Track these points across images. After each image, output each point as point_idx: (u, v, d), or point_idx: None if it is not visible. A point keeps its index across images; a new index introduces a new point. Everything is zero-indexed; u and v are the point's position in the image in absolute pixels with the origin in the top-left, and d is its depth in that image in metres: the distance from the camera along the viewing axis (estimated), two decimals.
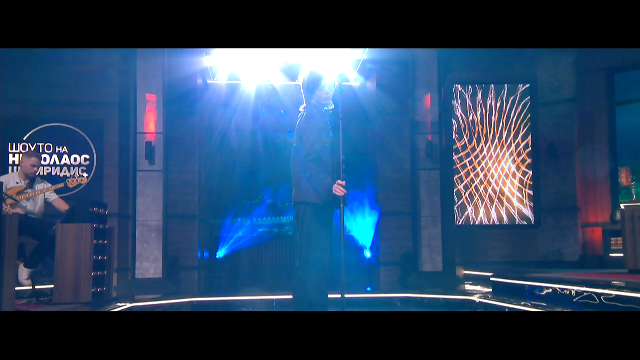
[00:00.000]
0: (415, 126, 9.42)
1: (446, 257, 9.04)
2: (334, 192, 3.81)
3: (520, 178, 9.99)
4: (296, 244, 11.21)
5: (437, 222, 9.09)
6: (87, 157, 9.26)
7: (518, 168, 10.01)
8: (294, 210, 4.09)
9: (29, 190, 6.44)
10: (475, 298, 6.47)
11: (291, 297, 4.37)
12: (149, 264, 8.76)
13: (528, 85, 10.03)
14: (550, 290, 5.70)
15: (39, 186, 6.64)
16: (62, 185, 6.42)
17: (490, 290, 6.86)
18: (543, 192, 9.91)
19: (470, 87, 10.09)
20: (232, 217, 12.56)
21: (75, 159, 9.25)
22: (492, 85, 10.04)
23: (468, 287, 8.74)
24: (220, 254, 11.92)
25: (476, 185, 9.96)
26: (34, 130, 9.19)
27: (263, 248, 12.39)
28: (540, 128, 9.96)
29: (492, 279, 6.91)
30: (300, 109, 4.24)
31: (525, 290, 6.03)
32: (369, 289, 8.98)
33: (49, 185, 6.72)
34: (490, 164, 9.97)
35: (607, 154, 9.61)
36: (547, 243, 9.80)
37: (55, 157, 9.22)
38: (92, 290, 6.09)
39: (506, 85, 10.09)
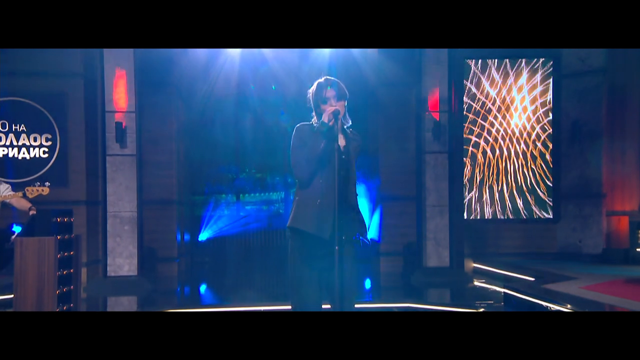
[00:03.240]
0: (422, 102, 9.25)
1: (453, 251, 9.07)
2: (323, 118, 3.68)
3: (539, 160, 9.90)
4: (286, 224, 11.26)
5: (444, 213, 9.07)
6: (49, 136, 9.10)
7: (537, 148, 9.90)
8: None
9: None
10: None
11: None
12: (123, 259, 8.76)
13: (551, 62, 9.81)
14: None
15: None
16: (20, 194, 6.31)
17: (502, 302, 6.90)
18: (564, 176, 9.86)
19: (484, 62, 9.86)
20: (215, 193, 12.57)
21: (35, 139, 9.09)
22: (508, 59, 9.82)
23: (478, 283, 8.82)
24: (203, 236, 11.97)
25: (489, 169, 9.87)
26: None
27: (250, 228, 12.44)
28: (563, 103, 9.82)
29: (504, 290, 6.94)
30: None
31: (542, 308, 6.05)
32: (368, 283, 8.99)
33: (8, 186, 6.61)
34: (505, 146, 9.86)
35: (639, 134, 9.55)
36: (566, 233, 9.84)
37: (11, 136, 9.05)
38: (57, 309, 6.09)
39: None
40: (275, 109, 11.87)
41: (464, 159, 9.78)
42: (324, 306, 3.71)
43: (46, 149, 9.08)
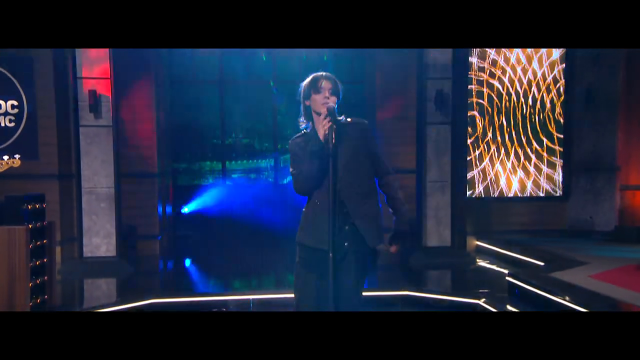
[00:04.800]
0: (424, 68, 9.18)
1: (455, 230, 9.16)
2: (321, 130, 3.72)
3: (549, 131, 9.92)
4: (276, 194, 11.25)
5: (446, 189, 9.12)
6: (15, 103, 9.02)
7: (545, 117, 9.91)
8: None
9: None
10: (483, 303, 6.65)
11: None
12: (100, 239, 8.82)
13: None
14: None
15: None
16: None
17: (505, 292, 7.01)
18: (576, 148, 9.91)
19: None
20: (198, 161, 12.57)
21: None
22: None
23: (481, 263, 8.96)
24: (186, 208, 12.02)
25: (495, 141, 9.89)
26: None
27: (237, 199, 12.47)
28: (577, 68, 9.78)
29: (507, 277, 7.06)
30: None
31: (550, 304, 6.16)
32: None
33: None
34: (512, 114, 9.86)
35: None
36: (577, 209, 9.95)
37: None
38: (31, 303, 6.18)
39: None
40: (263, 68, 11.81)
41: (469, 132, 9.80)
42: None
43: (12, 118, 9.01)
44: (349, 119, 3.87)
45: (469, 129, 9.92)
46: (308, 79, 3.87)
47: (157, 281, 8.89)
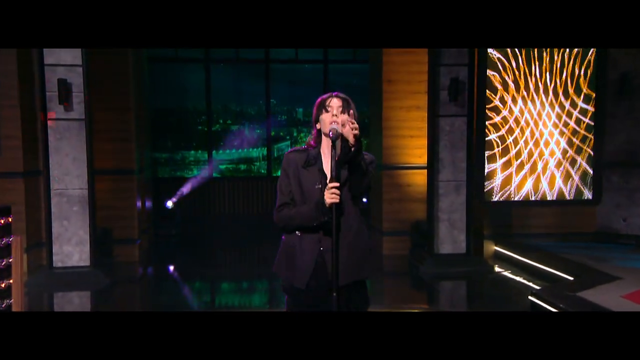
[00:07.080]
0: (436, 53, 9.09)
1: (471, 234, 9.14)
2: (326, 199, 3.70)
3: (578, 121, 9.84)
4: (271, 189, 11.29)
5: (461, 189, 9.07)
6: None
7: (575, 107, 9.83)
8: None
9: None
10: None
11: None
12: (72, 247, 8.77)
13: None
14: None
15: None
16: None
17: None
18: (608, 141, 9.84)
19: None
20: (182, 150, 12.53)
21: None
22: None
23: (500, 272, 8.98)
24: (168, 205, 12.02)
25: (516, 137, 9.81)
26: None
27: (225, 193, 12.47)
28: (610, 51, 9.68)
29: (530, 297, 7.05)
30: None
31: None
32: None
33: None
34: (537, 106, 9.77)
35: None
36: (609, 209, 9.93)
37: None
38: None
39: None
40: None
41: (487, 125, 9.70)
42: None
43: None
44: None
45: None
46: (317, 101, 3.85)
47: (136, 295, 8.88)
